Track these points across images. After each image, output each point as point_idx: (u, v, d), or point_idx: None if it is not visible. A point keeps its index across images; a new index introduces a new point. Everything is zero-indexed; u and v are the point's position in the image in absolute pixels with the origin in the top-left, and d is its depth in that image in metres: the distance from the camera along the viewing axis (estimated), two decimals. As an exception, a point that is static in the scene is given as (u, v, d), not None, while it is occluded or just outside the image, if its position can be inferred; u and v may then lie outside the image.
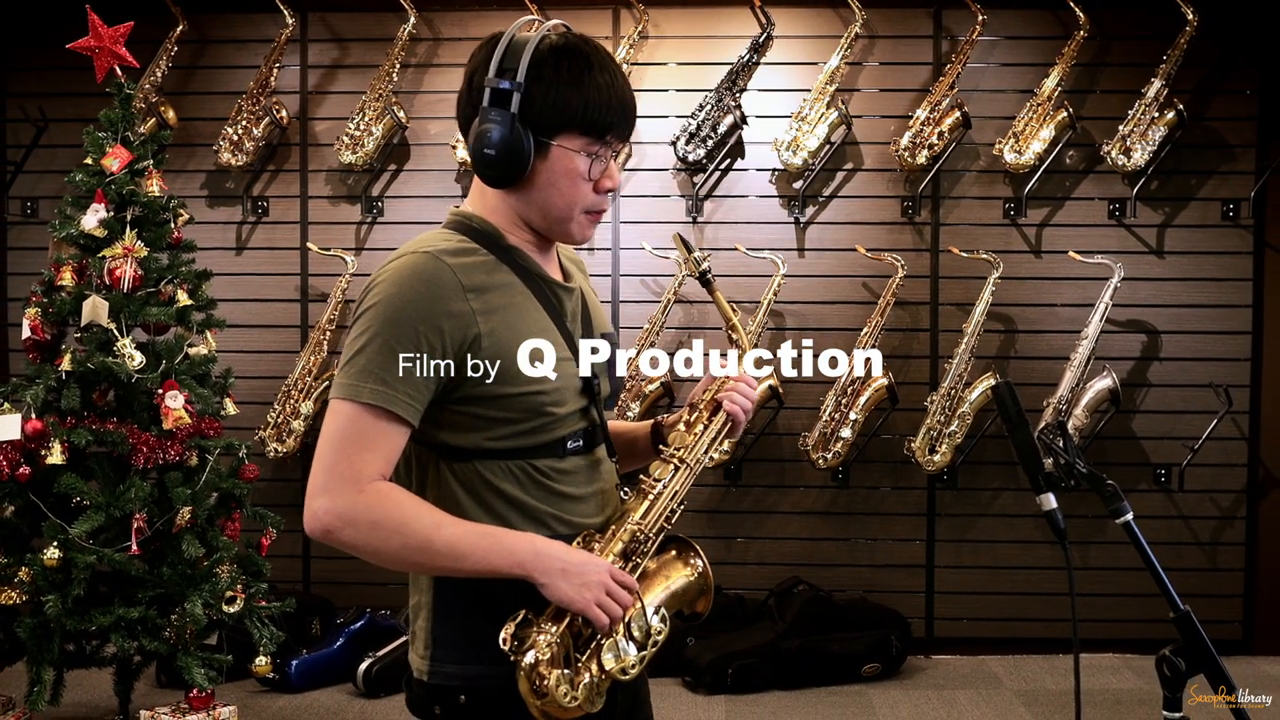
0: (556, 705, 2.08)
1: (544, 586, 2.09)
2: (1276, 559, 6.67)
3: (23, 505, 4.83)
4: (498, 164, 2.16)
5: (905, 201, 6.66)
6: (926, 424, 6.38)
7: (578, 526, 2.23)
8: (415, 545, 2.08)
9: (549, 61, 2.16)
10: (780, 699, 5.96)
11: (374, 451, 2.08)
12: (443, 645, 2.20)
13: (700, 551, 2.36)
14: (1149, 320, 6.62)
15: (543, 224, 2.25)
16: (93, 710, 5.63)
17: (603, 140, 2.20)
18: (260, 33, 6.77)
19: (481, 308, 2.13)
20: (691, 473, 2.34)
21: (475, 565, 2.09)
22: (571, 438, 2.23)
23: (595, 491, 2.29)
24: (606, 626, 2.11)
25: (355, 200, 6.78)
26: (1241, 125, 6.60)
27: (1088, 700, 5.91)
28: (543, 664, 2.07)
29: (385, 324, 2.08)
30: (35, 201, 6.85)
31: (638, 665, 2.17)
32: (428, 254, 2.14)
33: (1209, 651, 2.23)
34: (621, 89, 2.21)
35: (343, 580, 6.67)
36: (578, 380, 2.24)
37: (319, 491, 2.08)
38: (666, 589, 2.29)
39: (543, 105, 2.15)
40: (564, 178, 2.19)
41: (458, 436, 2.17)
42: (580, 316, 2.33)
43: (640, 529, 2.24)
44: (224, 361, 5.40)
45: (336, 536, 2.09)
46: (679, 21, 6.69)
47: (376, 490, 2.08)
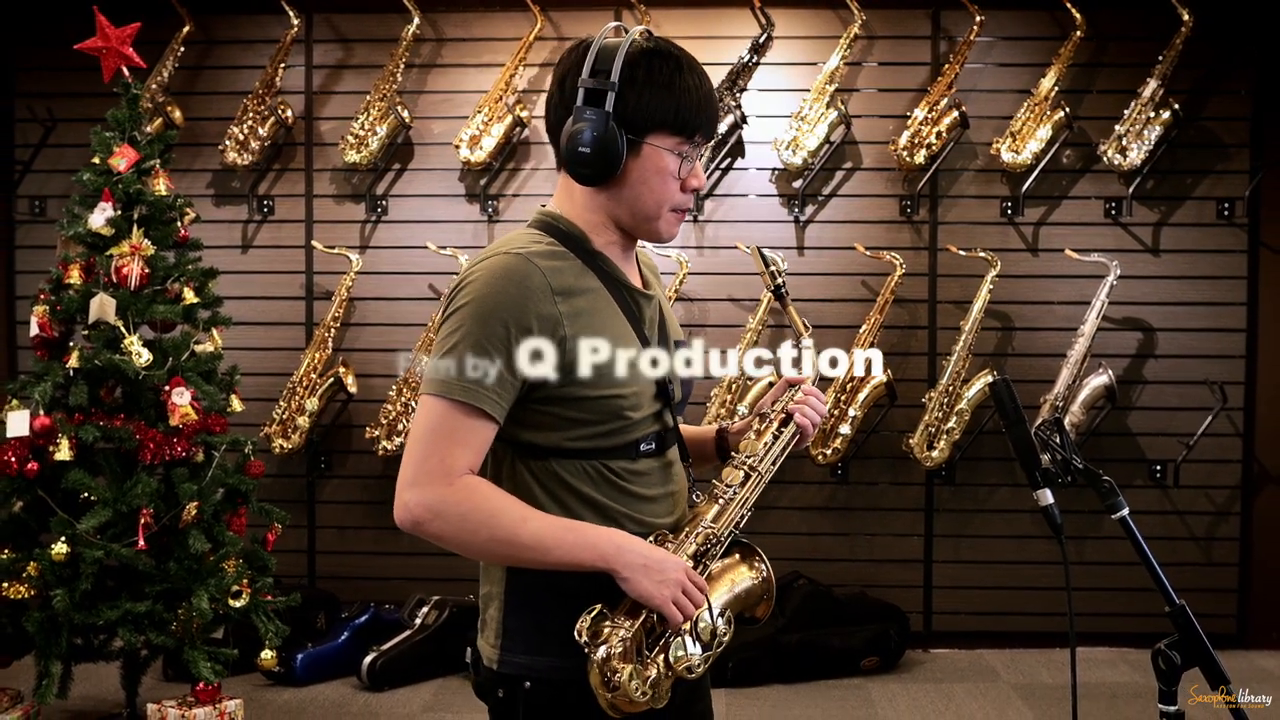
0: (627, 699, 2.10)
1: (625, 580, 2.11)
2: (1270, 554, 6.67)
3: (31, 500, 4.84)
4: (592, 161, 2.19)
5: (904, 200, 6.65)
6: (925, 420, 6.38)
7: (650, 526, 2.25)
8: (502, 538, 2.11)
9: (641, 63, 2.19)
10: (780, 692, 5.96)
11: (463, 446, 2.12)
12: (513, 635, 2.23)
13: (764, 557, 2.39)
14: (1145, 318, 6.61)
15: (631, 222, 2.28)
16: (100, 704, 5.63)
17: (691, 140, 2.23)
18: (266, 33, 6.77)
19: (569, 311, 2.16)
20: (762, 480, 2.39)
21: (560, 558, 2.12)
22: (645, 440, 2.26)
23: (667, 493, 2.32)
24: (680, 624, 2.13)
25: (360, 199, 6.78)
26: (1236, 125, 6.60)
27: (1084, 694, 5.91)
28: (615, 658, 2.08)
29: (476, 323, 2.12)
30: (43, 200, 6.85)
31: (703, 665, 2.18)
32: (519, 255, 2.17)
33: (1204, 645, 2.23)
34: (709, 91, 2.25)
35: (347, 575, 6.68)
36: (653, 385, 2.26)
37: (409, 484, 2.12)
38: (731, 591, 2.31)
39: (636, 105, 2.18)
40: (655, 175, 2.22)
41: (537, 435, 2.20)
42: (658, 323, 2.35)
43: (713, 531, 2.27)
44: (230, 359, 5.40)
45: (426, 528, 2.12)
46: (680, 22, 6.68)
47: (465, 484, 2.11)
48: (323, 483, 6.76)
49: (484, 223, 6.70)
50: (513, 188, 6.73)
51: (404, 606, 6.26)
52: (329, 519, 6.78)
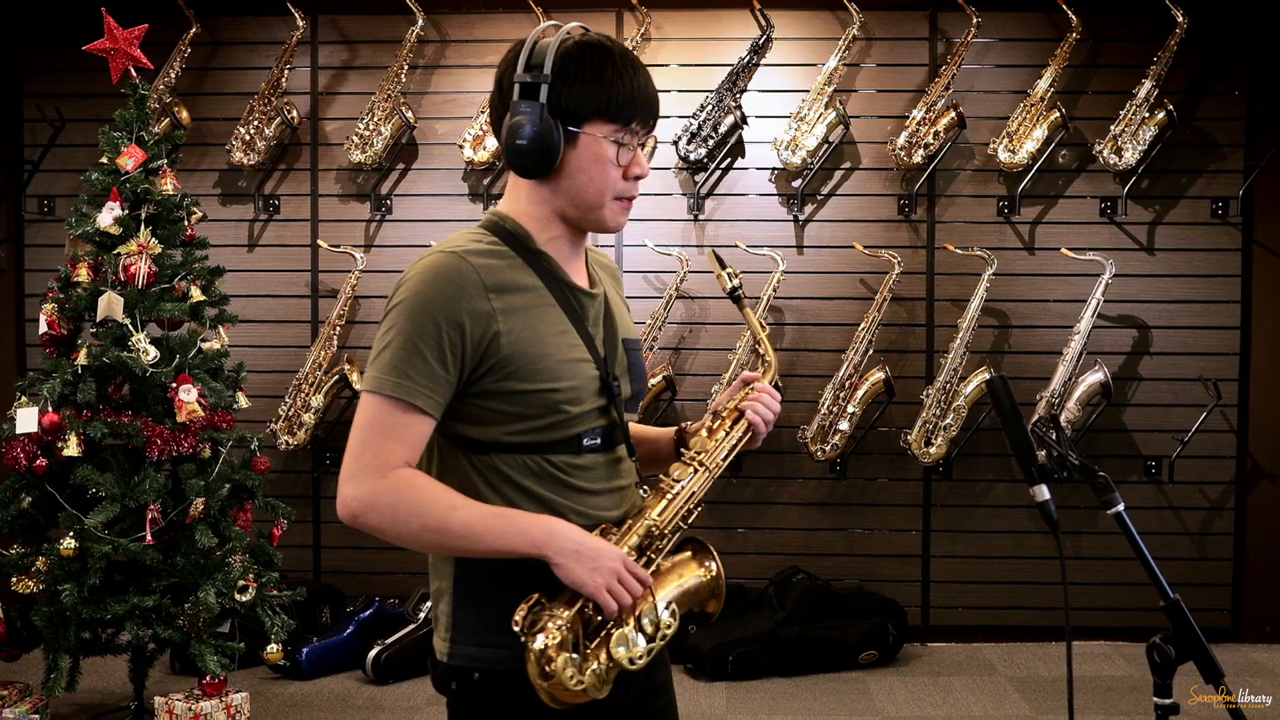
0: (562, 688, 2.09)
1: (558, 567, 2.11)
2: (1264, 549, 6.67)
3: (40, 496, 4.85)
4: (529, 153, 2.20)
5: (901, 200, 6.65)
6: (922, 417, 6.38)
7: (595, 519, 2.24)
8: (433, 526, 2.12)
9: (573, 55, 2.19)
10: (779, 685, 5.96)
11: (397, 441, 2.13)
12: (462, 629, 2.23)
13: (715, 555, 2.36)
14: (1140, 316, 6.61)
15: (575, 213, 2.28)
16: (108, 697, 5.64)
17: (628, 128, 2.24)
18: (272, 35, 6.77)
19: (503, 307, 2.17)
20: (710, 476, 2.36)
21: (491, 545, 2.13)
22: (588, 435, 2.25)
23: (614, 487, 2.31)
24: (615, 612, 2.13)
25: (364, 198, 6.78)
26: (1230, 125, 6.59)
27: (1080, 687, 5.91)
28: (551, 647, 2.08)
29: (409, 320, 2.13)
30: (52, 200, 6.85)
31: (645, 657, 2.17)
32: (453, 253, 2.18)
33: (1198, 639, 2.23)
34: (644, 80, 2.25)
35: (352, 570, 6.68)
36: (595, 381, 2.26)
37: (347, 479, 2.15)
38: (679, 586, 2.29)
39: (570, 95, 2.18)
40: (593, 164, 2.23)
41: (476, 430, 2.20)
42: (603, 321, 2.34)
43: (655, 525, 2.26)
44: (236, 356, 5.40)
45: (362, 520, 2.14)
46: (681, 24, 6.69)
47: (398, 476, 2.13)
48: (328, 478, 6.75)
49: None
50: (515, 187, 6.71)
51: (408, 601, 6.26)
52: (334, 515, 6.74)
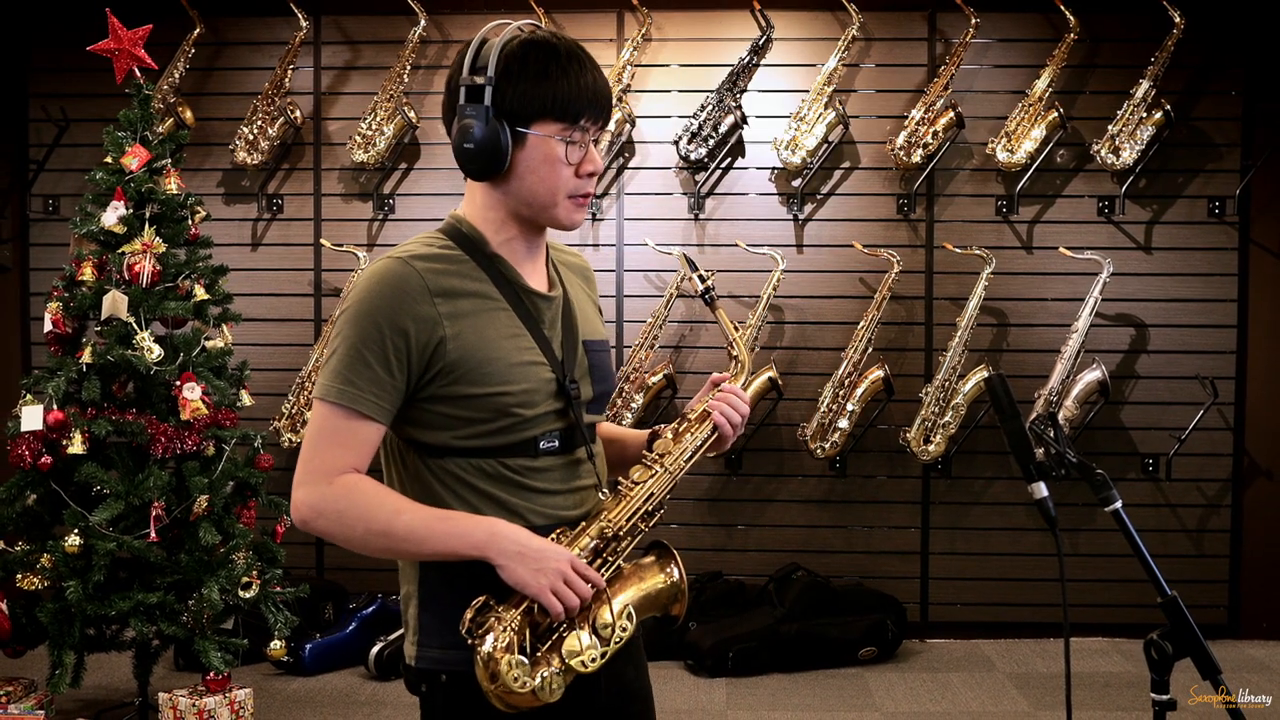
0: (509, 690, 2.06)
1: (501, 568, 2.10)
2: (1261, 545, 6.66)
3: (45, 493, 4.84)
4: (478, 156, 2.18)
5: (901, 199, 6.65)
6: (921, 415, 6.38)
7: (554, 520, 2.22)
8: (378, 530, 2.12)
9: (517, 55, 2.16)
10: (779, 681, 5.96)
11: (344, 448, 2.14)
12: (428, 632, 2.23)
13: (679, 560, 2.32)
14: (1137, 314, 6.61)
15: (529, 213, 2.25)
16: (113, 692, 5.64)
17: (577, 125, 2.20)
18: (275, 35, 6.76)
19: (449, 311, 2.15)
20: (672, 477, 2.32)
21: (435, 548, 2.13)
22: (545, 438, 2.23)
23: (573, 488, 2.29)
24: (560, 613, 2.10)
25: (367, 198, 6.78)
26: (1227, 125, 6.59)
27: (1078, 683, 5.91)
28: (498, 650, 2.06)
29: (354, 328, 2.13)
30: (57, 199, 6.85)
31: (599, 660, 2.14)
32: (399, 259, 2.18)
33: (1196, 636, 2.23)
34: (591, 76, 2.21)
35: (355, 567, 6.68)
36: (551, 384, 2.23)
37: (298, 484, 2.16)
38: (639, 590, 2.26)
39: (514, 96, 2.16)
40: (543, 164, 2.19)
41: (429, 434, 2.20)
42: (562, 323, 2.32)
43: (609, 526, 2.22)
44: (240, 354, 5.39)
45: (312, 526, 2.15)
46: (681, 24, 6.68)
47: (344, 482, 2.13)
48: (331, 476, 6.73)
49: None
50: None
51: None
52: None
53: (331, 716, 5.47)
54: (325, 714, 5.50)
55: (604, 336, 2.45)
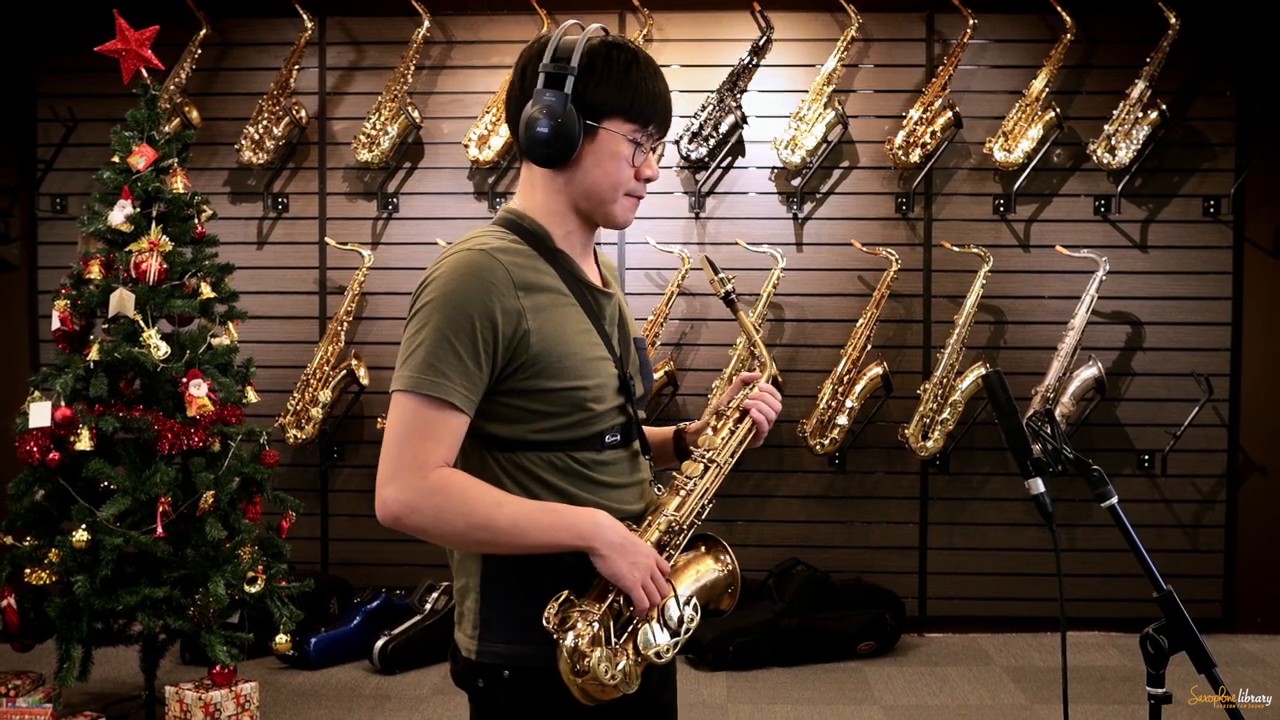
0: (596, 684, 2.08)
1: (602, 559, 2.11)
2: (1255, 541, 6.66)
3: (53, 489, 4.84)
4: (550, 141, 2.19)
5: (899, 198, 6.64)
6: (920, 411, 6.38)
7: (619, 513, 2.22)
8: (479, 524, 2.10)
9: (600, 52, 2.20)
10: (779, 675, 5.96)
11: (435, 440, 2.10)
12: (491, 626, 2.21)
13: (730, 550, 2.36)
14: (1133, 312, 6.60)
15: (588, 206, 2.27)
16: (120, 686, 5.64)
17: (645, 130, 2.23)
18: (280, 36, 6.76)
19: (531, 305, 2.15)
20: (721, 472, 2.35)
21: (538, 539, 2.11)
22: (609, 432, 2.25)
23: (635, 481, 2.31)
24: (646, 608, 2.12)
25: (371, 197, 6.78)
26: (1222, 125, 6.58)
27: (1074, 677, 5.91)
28: (584, 644, 2.07)
29: (442, 317, 2.11)
30: (64, 198, 6.85)
31: (670, 650, 2.17)
32: (482, 250, 2.16)
33: (1191, 630, 2.23)
34: (663, 86, 2.26)
35: (359, 561, 6.68)
36: (615, 379, 2.25)
37: (387, 481, 2.10)
38: (697, 582, 2.29)
39: (594, 90, 2.18)
40: (609, 159, 2.22)
41: (503, 428, 2.19)
42: (617, 321, 2.34)
43: (675, 520, 2.25)
44: (245, 351, 5.39)
45: (405, 522, 2.11)
46: (682, 25, 6.68)
47: (439, 476, 2.10)
48: (335, 472, 6.76)
49: (492, 219, 6.69)
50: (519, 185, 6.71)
51: (414, 592, 6.26)
52: (341, 507, 6.78)
53: (336, 709, 5.47)
54: (330, 707, 5.50)
55: (643, 335, 2.47)
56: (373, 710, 5.47)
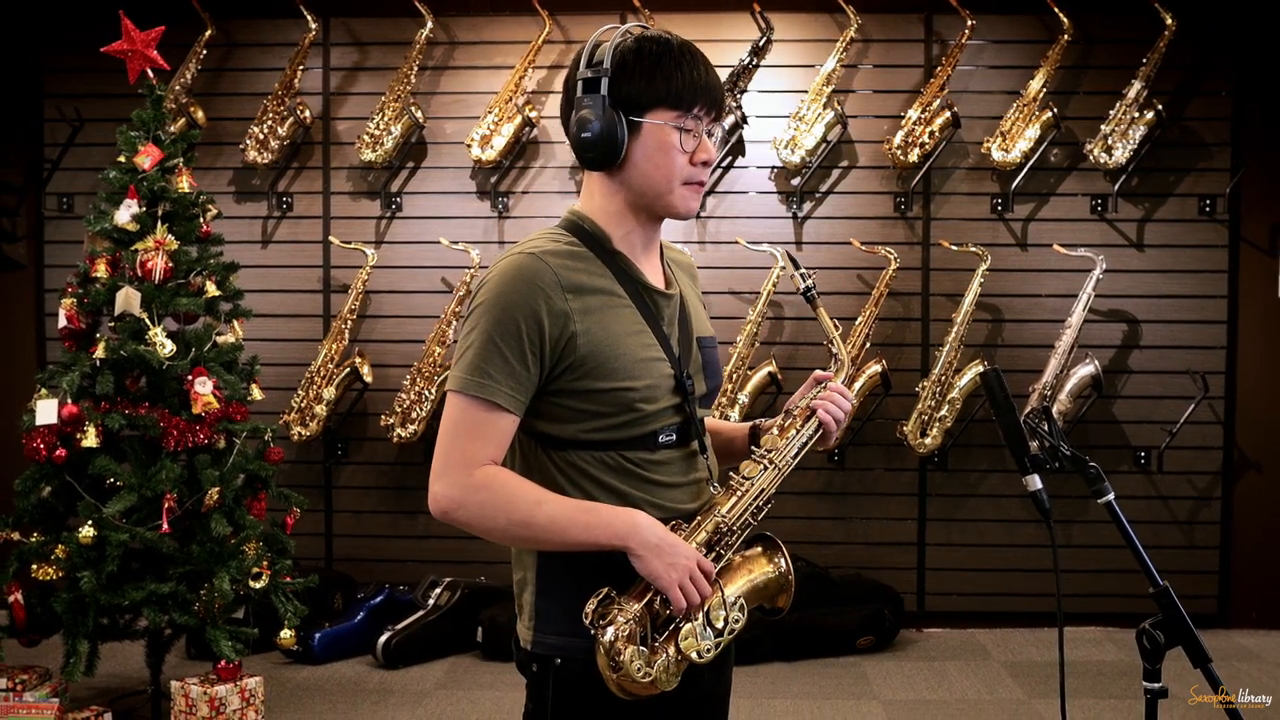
0: (630, 679, 2.09)
1: (639, 559, 2.12)
2: (1250, 537, 6.66)
3: (59, 486, 4.84)
4: (595, 144, 2.19)
5: (898, 197, 6.64)
6: (918, 409, 6.37)
7: (671, 512, 2.23)
8: (519, 521, 2.13)
9: (631, 49, 2.20)
10: (779, 670, 5.96)
11: (483, 440, 2.14)
12: (545, 618, 2.24)
13: (785, 551, 2.36)
14: (1129, 310, 6.60)
15: (645, 201, 2.26)
16: (126, 681, 5.64)
17: (690, 114, 2.22)
18: (285, 37, 6.76)
19: (580, 307, 2.16)
20: (780, 473, 2.35)
21: (577, 538, 2.14)
22: (664, 432, 2.25)
23: (691, 481, 2.31)
24: (684, 608, 2.13)
25: (375, 196, 6.78)
26: (1217, 125, 6.58)
27: (1071, 671, 5.90)
28: (620, 640, 2.08)
29: (490, 319, 2.13)
30: (71, 197, 6.85)
31: (712, 651, 2.17)
32: (532, 255, 2.18)
33: (1187, 625, 2.22)
34: (704, 68, 2.24)
35: (363, 557, 6.68)
36: (670, 380, 2.25)
37: (437, 477, 2.16)
38: (749, 582, 2.29)
39: (630, 86, 2.18)
40: (658, 151, 2.21)
41: (554, 427, 2.21)
42: (679, 320, 2.34)
43: (724, 521, 2.26)
44: (250, 349, 5.39)
45: (452, 517, 2.16)
46: (682, 26, 6.65)
47: (485, 473, 2.14)
48: (339, 468, 6.76)
49: (494, 219, 6.70)
50: (522, 185, 6.72)
51: (418, 587, 6.26)
52: (345, 503, 6.78)
53: (340, 704, 5.47)
54: (334, 702, 5.50)
55: (713, 334, 2.46)
56: (376, 704, 5.47)
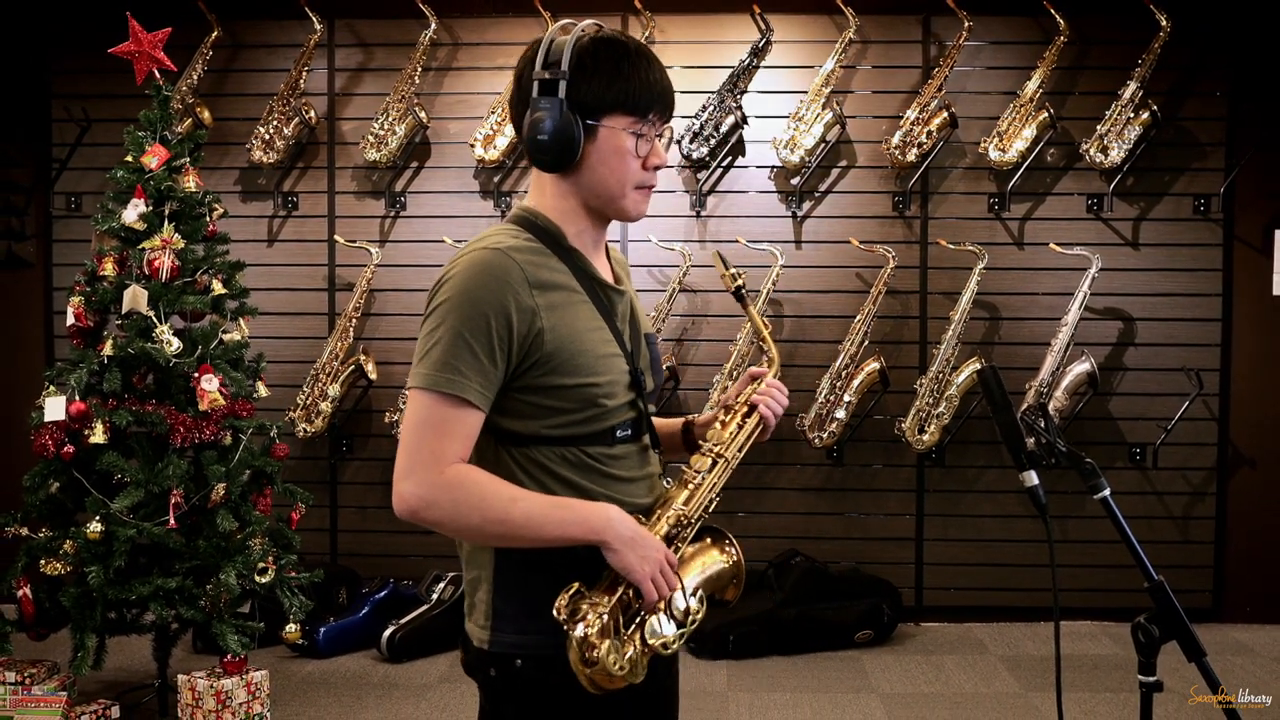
0: (605, 674, 2.08)
1: (614, 553, 2.10)
2: (1244, 532, 6.66)
3: (67, 482, 4.84)
4: (551, 148, 2.17)
5: (896, 197, 6.64)
6: (916, 406, 6.37)
7: (629, 506, 2.22)
8: (494, 519, 2.09)
9: (589, 50, 2.17)
10: (778, 664, 5.96)
11: (451, 437, 2.10)
12: (503, 617, 2.21)
13: (735, 542, 2.35)
14: (1125, 308, 6.60)
15: (598, 204, 2.25)
16: (133, 675, 5.64)
17: (645, 119, 2.21)
18: (290, 38, 6.75)
19: (545, 304, 2.14)
20: (729, 467, 2.34)
21: (552, 534, 2.11)
22: (621, 427, 2.24)
23: (645, 475, 2.31)
24: (655, 601, 2.13)
25: (379, 195, 6.78)
26: (1212, 125, 6.57)
27: (1067, 665, 5.91)
28: (593, 635, 2.07)
29: (457, 315, 2.10)
30: (79, 197, 6.85)
31: (677, 641, 2.18)
32: (498, 249, 2.15)
33: (1181, 619, 2.23)
34: (659, 73, 2.22)
35: (368, 553, 6.68)
36: (627, 375, 2.24)
37: (404, 475, 2.10)
38: (703, 573, 2.29)
39: (588, 90, 2.16)
40: (613, 155, 2.20)
41: (517, 423, 2.18)
42: (629, 317, 2.34)
43: (684, 514, 2.25)
44: (256, 347, 5.39)
45: (422, 516, 2.10)
46: (683, 27, 6.67)
47: (455, 471, 2.10)
48: (344, 465, 6.76)
49: (497, 218, 6.70)
50: (524, 184, 6.71)
51: (421, 582, 6.27)
52: (350, 499, 6.78)
53: (345, 697, 5.47)
54: (339, 695, 5.50)
55: (654, 331, 2.45)
56: (381, 698, 5.47)
